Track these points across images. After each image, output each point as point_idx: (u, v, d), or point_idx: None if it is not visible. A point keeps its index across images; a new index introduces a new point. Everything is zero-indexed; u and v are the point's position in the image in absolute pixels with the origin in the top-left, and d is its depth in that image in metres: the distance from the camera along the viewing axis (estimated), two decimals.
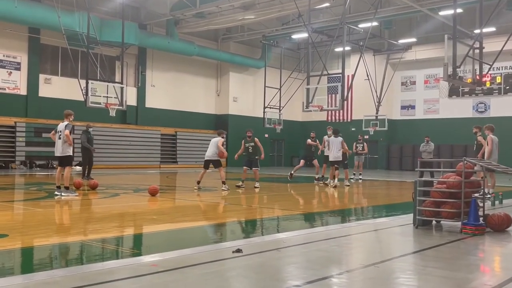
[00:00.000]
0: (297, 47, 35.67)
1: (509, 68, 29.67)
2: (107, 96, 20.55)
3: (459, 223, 6.77)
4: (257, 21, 28.91)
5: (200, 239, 6.79)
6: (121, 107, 20.81)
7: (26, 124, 24.36)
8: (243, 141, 14.93)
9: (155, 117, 29.92)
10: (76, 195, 11.22)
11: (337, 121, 34.91)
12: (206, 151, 14.11)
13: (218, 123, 32.36)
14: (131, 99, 28.10)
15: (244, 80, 34.59)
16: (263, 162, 31.73)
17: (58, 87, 25.87)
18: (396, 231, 7.21)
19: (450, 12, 22.94)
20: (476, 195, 7.44)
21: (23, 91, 24.83)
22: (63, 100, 24.95)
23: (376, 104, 30.55)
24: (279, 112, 31.96)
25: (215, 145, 13.77)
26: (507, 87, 29.80)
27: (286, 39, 32.83)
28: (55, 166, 18.93)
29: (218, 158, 13.85)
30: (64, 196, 10.86)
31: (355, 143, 20.05)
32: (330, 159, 15.92)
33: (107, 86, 20.91)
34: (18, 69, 24.69)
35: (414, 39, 31.05)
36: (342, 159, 16.26)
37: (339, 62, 24.84)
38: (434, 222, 7.37)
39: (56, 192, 11.08)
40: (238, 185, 14.48)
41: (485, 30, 17.28)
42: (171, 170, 26.80)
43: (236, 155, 14.96)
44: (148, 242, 6.56)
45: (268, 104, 31.29)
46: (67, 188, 11.09)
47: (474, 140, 13.58)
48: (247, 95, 34.70)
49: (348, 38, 26.16)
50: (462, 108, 31.11)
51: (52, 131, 11.51)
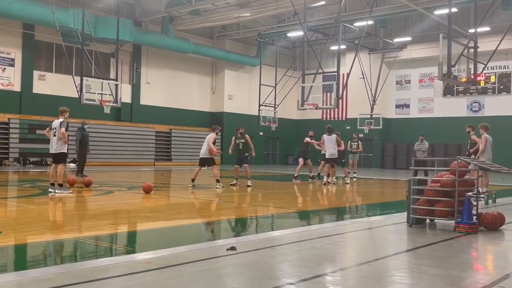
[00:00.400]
0: (292, 45, 35.71)
1: (503, 68, 29.80)
2: (101, 93, 20.51)
3: (453, 222, 6.80)
4: (252, 18, 28.90)
5: (194, 237, 6.79)
6: (115, 104, 20.76)
7: (20, 120, 24.24)
8: (233, 137, 14.94)
9: (149, 114, 29.83)
10: (70, 192, 11.17)
11: (332, 119, 34.97)
12: (200, 149, 14.14)
13: (213, 120, 32.30)
14: (126, 96, 28.04)
15: (239, 78, 34.55)
16: (257, 160, 31.95)
17: (52, 83, 25.74)
18: (390, 229, 7.23)
19: (445, 11, 23.08)
20: (470, 193, 7.47)
21: (17, 88, 24.71)
22: (57, 96, 24.87)
23: (371, 102, 30.64)
24: (274, 110, 31.97)
25: (207, 142, 13.76)
26: (501, 87, 29.94)
27: (281, 37, 32.85)
28: (49, 163, 18.85)
29: (211, 156, 13.82)
30: (58, 193, 10.82)
31: (350, 142, 20.09)
32: (326, 156, 16.11)
33: (102, 83, 20.88)
34: (12, 65, 24.56)
35: (409, 38, 31.16)
36: (339, 157, 16.36)
37: (334, 60, 24.83)
38: (428, 221, 7.39)
39: (50, 189, 11.05)
40: (232, 183, 14.51)
41: (479, 30, 17.37)
42: (165, 168, 26.76)
43: (230, 149, 14.96)
44: (142, 240, 6.54)
45: (263, 102, 31.31)
46: (60, 185, 11.05)
47: (468, 139, 13.66)
48: (242, 93, 34.67)
49: (344, 36, 26.17)
50: (456, 107, 31.24)
51: (47, 128, 11.47)
